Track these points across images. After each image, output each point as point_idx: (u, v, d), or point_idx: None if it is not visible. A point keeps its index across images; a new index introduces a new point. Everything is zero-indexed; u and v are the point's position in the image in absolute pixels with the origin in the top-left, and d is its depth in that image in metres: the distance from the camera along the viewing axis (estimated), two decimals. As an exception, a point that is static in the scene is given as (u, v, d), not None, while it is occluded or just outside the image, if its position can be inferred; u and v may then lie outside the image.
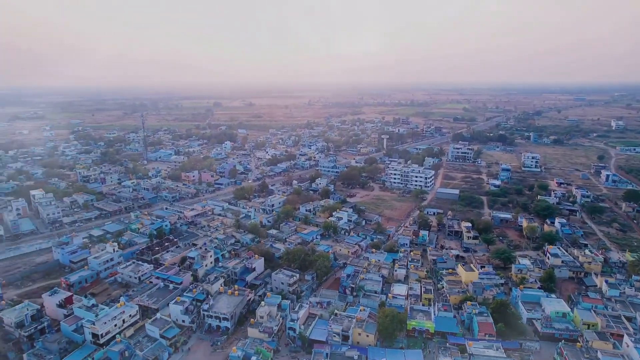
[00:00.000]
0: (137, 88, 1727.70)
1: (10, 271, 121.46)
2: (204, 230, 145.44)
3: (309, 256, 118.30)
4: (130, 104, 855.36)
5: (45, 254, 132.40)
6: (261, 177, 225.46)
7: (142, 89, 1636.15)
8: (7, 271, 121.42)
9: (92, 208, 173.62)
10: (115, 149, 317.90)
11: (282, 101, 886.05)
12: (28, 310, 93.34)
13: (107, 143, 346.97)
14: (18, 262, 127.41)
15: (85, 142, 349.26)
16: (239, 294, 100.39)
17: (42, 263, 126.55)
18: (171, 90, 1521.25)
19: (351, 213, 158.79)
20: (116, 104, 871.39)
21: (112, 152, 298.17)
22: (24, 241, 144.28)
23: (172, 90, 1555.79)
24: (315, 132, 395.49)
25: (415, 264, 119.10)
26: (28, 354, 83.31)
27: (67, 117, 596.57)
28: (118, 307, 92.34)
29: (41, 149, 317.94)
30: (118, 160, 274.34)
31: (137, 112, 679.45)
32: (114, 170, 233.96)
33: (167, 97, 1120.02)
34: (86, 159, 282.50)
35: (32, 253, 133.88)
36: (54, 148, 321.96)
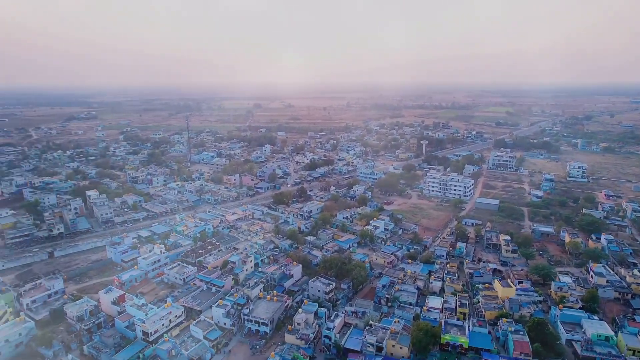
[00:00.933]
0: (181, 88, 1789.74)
1: (70, 267, 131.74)
2: (244, 235, 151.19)
3: (345, 265, 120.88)
4: (175, 105, 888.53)
5: (100, 252, 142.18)
6: (300, 182, 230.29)
7: (186, 89, 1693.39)
8: (67, 267, 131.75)
9: (140, 209, 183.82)
10: (161, 150, 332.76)
11: (321, 102, 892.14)
12: (87, 305, 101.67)
13: (153, 144, 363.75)
14: (77, 259, 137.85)
15: (133, 143, 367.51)
16: (277, 300, 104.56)
17: (97, 261, 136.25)
18: (213, 90, 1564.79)
19: (388, 222, 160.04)
20: (161, 104, 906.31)
21: (158, 154, 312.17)
22: (81, 239, 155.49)
23: (214, 90, 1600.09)
24: (354, 135, 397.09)
25: (451, 277, 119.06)
26: (88, 346, 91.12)
27: (117, 118, 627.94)
28: (165, 307, 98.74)
29: (94, 149, 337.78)
30: (164, 161, 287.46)
31: (182, 112, 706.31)
32: (160, 172, 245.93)
33: (210, 97, 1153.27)
34: (134, 159, 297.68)
35: (88, 251, 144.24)
36: (105, 148, 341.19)
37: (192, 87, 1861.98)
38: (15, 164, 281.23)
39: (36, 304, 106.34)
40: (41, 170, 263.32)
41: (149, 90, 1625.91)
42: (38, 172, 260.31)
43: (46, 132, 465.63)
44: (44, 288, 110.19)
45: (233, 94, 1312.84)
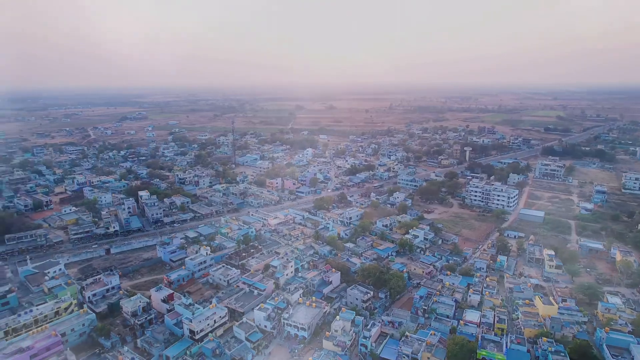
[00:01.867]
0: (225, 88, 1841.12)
1: (124, 264, 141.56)
2: (285, 239, 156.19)
3: (383, 274, 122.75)
4: (220, 105, 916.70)
5: (151, 250, 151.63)
6: (340, 187, 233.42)
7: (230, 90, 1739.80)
8: (122, 264, 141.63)
9: (187, 210, 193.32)
10: (207, 151, 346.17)
11: (363, 104, 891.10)
12: (140, 302, 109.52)
13: (200, 145, 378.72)
14: (130, 257, 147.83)
15: (180, 144, 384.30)
16: (316, 306, 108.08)
17: (148, 259, 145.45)
18: (256, 91, 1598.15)
19: (428, 231, 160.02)
20: (207, 105, 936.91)
21: (205, 155, 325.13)
22: (134, 237, 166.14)
23: (257, 91, 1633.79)
24: (396, 139, 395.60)
25: (491, 291, 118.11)
26: (141, 340, 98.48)
27: (166, 118, 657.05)
28: (210, 307, 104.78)
29: (145, 150, 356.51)
30: (209, 163, 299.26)
31: (226, 113, 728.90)
32: (206, 174, 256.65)
33: (253, 98, 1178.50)
34: (182, 160, 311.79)
35: (140, 249, 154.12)
36: (155, 149, 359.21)
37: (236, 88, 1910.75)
38: (76, 163, 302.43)
39: (96, 297, 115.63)
40: (98, 170, 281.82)
41: (195, 90, 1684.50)
42: (96, 171, 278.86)
43: (102, 131, 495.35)
44: (103, 283, 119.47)
45: (276, 95, 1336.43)
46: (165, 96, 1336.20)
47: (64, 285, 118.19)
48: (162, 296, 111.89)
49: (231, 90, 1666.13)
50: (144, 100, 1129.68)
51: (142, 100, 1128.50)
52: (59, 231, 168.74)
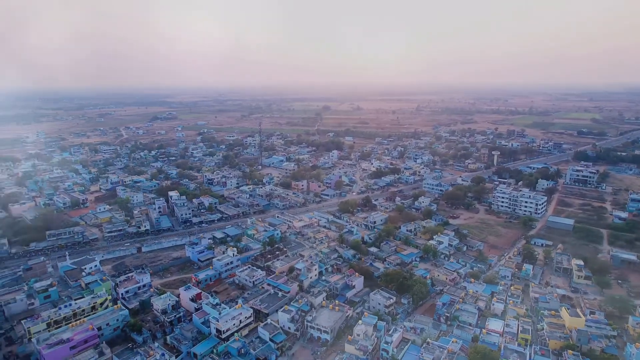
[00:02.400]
0: (253, 88, 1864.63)
1: (154, 262, 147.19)
2: (310, 242, 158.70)
3: (406, 280, 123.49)
4: (247, 106, 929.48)
5: (180, 250, 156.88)
6: (365, 190, 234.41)
7: (258, 90, 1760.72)
8: (152, 262, 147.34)
9: (215, 210, 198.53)
10: (234, 152, 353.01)
11: (391, 105, 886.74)
12: (170, 300, 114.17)
13: (227, 146, 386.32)
14: (160, 255, 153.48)
15: (209, 145, 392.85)
16: (339, 310, 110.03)
17: (177, 258, 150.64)
18: (284, 91, 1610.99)
19: (452, 237, 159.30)
20: (235, 105, 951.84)
21: (232, 156, 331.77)
22: (164, 236, 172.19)
23: (285, 91, 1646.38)
24: (422, 142, 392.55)
25: (515, 300, 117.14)
26: (170, 337, 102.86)
27: (194, 118, 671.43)
28: (237, 308, 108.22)
29: (175, 150, 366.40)
30: (237, 164, 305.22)
31: (254, 114, 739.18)
32: (233, 175, 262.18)
33: (280, 98, 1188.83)
34: (210, 161, 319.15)
35: (169, 248, 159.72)
36: (184, 149, 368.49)
37: (264, 88, 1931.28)
38: (110, 162, 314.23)
39: (129, 294, 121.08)
40: (130, 169, 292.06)
41: (223, 90, 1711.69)
42: (128, 170, 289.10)
43: (134, 131, 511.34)
44: (135, 281, 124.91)
45: (303, 95, 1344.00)
46: (194, 96, 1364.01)
47: (99, 281, 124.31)
48: (190, 295, 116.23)
49: (259, 91, 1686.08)
50: (173, 100, 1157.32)
51: (171, 100, 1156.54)
52: (94, 229, 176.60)
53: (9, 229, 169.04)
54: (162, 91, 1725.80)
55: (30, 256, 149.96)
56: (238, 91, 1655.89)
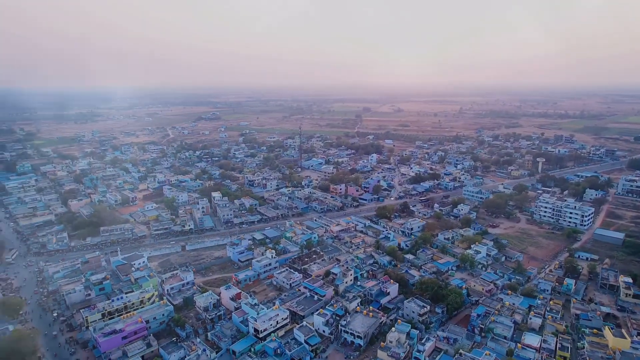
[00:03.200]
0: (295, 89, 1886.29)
1: (197, 261, 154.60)
2: (346, 247, 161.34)
3: (442, 289, 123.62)
4: (288, 106, 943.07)
5: (221, 249, 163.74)
6: (403, 196, 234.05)
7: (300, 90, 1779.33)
8: (195, 260, 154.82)
9: (255, 212, 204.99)
10: (275, 154, 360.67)
11: (433, 107, 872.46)
12: (211, 299, 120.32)
13: (268, 148, 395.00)
14: (203, 254, 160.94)
15: (250, 146, 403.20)
16: (372, 316, 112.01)
17: (218, 257, 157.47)
18: (325, 92, 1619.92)
19: (491, 247, 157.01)
20: (277, 106, 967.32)
21: (272, 158, 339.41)
22: (206, 236, 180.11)
23: (326, 91, 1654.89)
24: (464, 147, 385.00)
25: (554, 315, 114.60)
26: (211, 333, 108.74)
27: (237, 119, 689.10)
28: (274, 309, 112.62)
29: (218, 150, 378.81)
30: (277, 166, 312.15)
31: (295, 115, 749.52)
32: (273, 177, 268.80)
33: (321, 99, 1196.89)
34: (251, 162, 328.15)
35: (211, 247, 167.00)
36: (227, 150, 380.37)
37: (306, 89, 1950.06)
38: (157, 162, 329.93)
39: (174, 290, 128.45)
40: (176, 169, 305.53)
41: (265, 91, 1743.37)
42: (174, 170, 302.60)
43: (180, 131, 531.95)
44: (179, 278, 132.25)
45: (344, 96, 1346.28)
46: (238, 96, 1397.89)
47: (147, 277, 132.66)
48: (230, 294, 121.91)
49: (301, 91, 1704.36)
50: (217, 100, 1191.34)
51: (215, 100, 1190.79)
52: (143, 226, 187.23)
53: (69, 224, 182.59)
54: (208, 91, 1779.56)
55: (87, 250, 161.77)
56: (280, 91, 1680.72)
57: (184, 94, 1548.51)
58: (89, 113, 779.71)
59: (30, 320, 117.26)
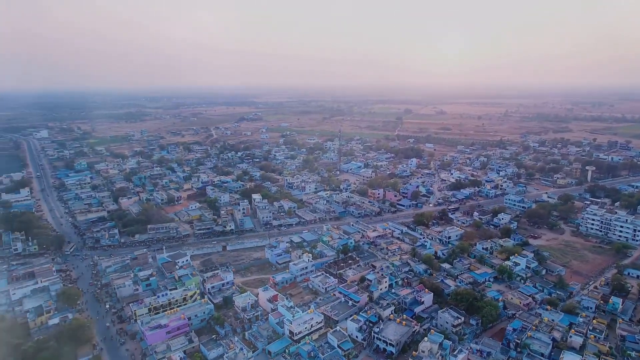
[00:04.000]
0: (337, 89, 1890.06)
1: (237, 261, 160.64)
2: (382, 253, 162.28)
3: (477, 300, 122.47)
4: (329, 107, 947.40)
5: (260, 251, 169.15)
6: (442, 203, 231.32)
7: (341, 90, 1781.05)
8: (235, 260, 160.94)
9: (293, 214, 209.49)
10: (314, 156, 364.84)
11: (477, 110, 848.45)
12: (249, 299, 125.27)
13: (308, 150, 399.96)
14: (242, 255, 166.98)
15: (291, 147, 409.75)
16: (406, 324, 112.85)
17: (257, 259, 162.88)
18: (367, 92, 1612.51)
19: (531, 259, 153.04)
20: (317, 107, 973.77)
21: (312, 160, 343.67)
22: (246, 237, 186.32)
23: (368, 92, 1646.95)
24: (508, 152, 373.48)
25: (597, 335, 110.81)
26: (248, 333, 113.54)
27: (278, 120, 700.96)
28: (309, 312, 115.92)
29: (259, 152, 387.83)
30: (316, 168, 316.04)
31: (335, 116, 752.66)
32: (312, 180, 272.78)
33: (362, 100, 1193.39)
34: (291, 164, 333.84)
35: (250, 248, 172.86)
36: (268, 151, 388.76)
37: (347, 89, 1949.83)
38: (200, 162, 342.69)
39: (214, 289, 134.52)
40: (218, 169, 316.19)
41: (307, 91, 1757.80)
42: (216, 170, 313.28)
43: (223, 131, 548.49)
44: (220, 278, 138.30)
45: (386, 97, 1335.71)
46: (279, 96, 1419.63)
47: (189, 275, 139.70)
48: (268, 296, 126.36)
49: (342, 92, 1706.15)
50: (259, 101, 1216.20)
51: (257, 101, 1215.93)
52: (186, 225, 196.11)
53: (119, 221, 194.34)
54: (251, 91, 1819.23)
55: (135, 246, 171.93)
56: (322, 92, 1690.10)
57: (228, 93, 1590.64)
58: (138, 112, 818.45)
59: (86, 310, 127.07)
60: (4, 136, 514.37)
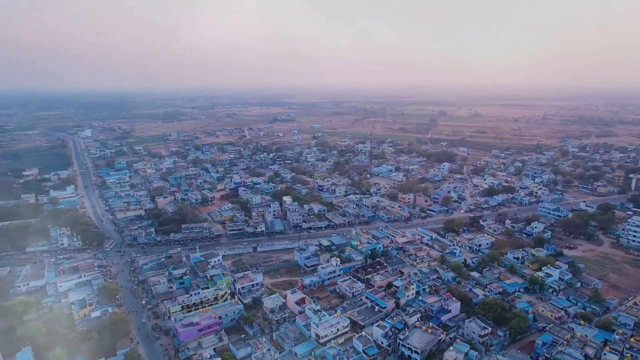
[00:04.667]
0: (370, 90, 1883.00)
1: (267, 262, 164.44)
2: (410, 259, 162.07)
3: (506, 311, 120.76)
4: (361, 109, 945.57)
5: (289, 253, 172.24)
6: (474, 209, 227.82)
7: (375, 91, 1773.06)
8: (265, 262, 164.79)
9: (323, 218, 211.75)
10: (345, 159, 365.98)
11: (513, 112, 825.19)
12: (278, 301, 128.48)
13: (339, 152, 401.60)
14: (272, 256, 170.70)
15: (322, 149, 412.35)
16: (431, 332, 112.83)
17: (286, 261, 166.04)
18: (401, 93, 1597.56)
19: (565, 270, 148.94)
20: (350, 108, 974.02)
21: (343, 163, 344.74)
22: (276, 239, 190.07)
23: (402, 92, 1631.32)
24: (544, 158, 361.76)
25: (634, 354, 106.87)
26: (276, 334, 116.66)
27: (310, 121, 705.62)
28: (335, 317, 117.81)
29: (290, 153, 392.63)
30: (347, 171, 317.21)
31: (367, 118, 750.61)
32: (342, 183, 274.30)
33: (396, 101, 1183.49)
34: (322, 166, 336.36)
35: (280, 250, 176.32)
36: (299, 153, 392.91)
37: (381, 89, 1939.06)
38: (234, 162, 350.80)
39: (244, 290, 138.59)
40: (251, 170, 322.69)
41: (340, 92, 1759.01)
42: (249, 171, 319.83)
43: (256, 132, 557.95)
44: (250, 279, 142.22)
45: (420, 98, 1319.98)
46: (313, 97, 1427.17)
47: (221, 275, 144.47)
48: (295, 298, 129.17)
49: (376, 92, 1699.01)
50: (293, 101, 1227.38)
51: (291, 101, 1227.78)
52: (219, 225, 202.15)
53: (156, 219, 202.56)
54: (285, 91, 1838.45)
55: (170, 245, 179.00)
56: (356, 93, 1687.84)
57: (263, 94, 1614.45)
58: (175, 112, 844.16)
59: (124, 305, 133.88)
60: (53, 135, 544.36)
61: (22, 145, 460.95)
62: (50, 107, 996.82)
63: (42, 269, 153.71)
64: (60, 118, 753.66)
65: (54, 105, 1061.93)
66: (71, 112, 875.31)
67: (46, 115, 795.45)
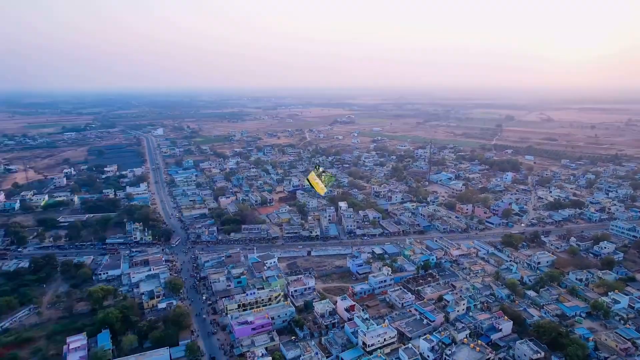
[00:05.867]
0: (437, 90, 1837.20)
1: (319, 267, 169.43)
2: (464, 273, 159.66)
3: (562, 336, 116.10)
4: (424, 111, 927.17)
5: (342, 259, 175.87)
6: (536, 223, 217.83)
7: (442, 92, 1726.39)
8: (318, 266, 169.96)
9: (377, 225, 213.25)
10: (404, 164, 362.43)
11: (591, 117, 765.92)
12: (328, 306, 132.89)
13: (398, 157, 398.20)
14: (325, 261, 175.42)
15: (380, 154, 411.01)
16: (479, 350, 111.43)
17: (338, 267, 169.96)
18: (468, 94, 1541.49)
19: (636, 298, 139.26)
20: (412, 110, 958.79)
21: (401, 168, 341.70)
22: (330, 244, 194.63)
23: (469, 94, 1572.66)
24: (623, 170, 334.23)
25: None
26: (324, 339, 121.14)
27: (371, 124, 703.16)
28: (383, 326, 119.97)
29: (349, 157, 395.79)
30: (404, 177, 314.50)
31: (430, 121, 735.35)
32: (399, 190, 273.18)
33: (461, 103, 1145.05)
34: (379, 172, 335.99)
35: (333, 256, 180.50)
36: (357, 157, 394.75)
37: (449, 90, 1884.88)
38: (293, 165, 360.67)
39: (297, 293, 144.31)
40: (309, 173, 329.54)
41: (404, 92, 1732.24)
42: (307, 174, 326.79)
43: (316, 134, 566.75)
44: (303, 282, 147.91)
45: (489, 100, 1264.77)
46: (375, 98, 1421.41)
47: (276, 277, 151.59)
48: (345, 305, 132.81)
49: (443, 93, 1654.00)
50: (354, 102, 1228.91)
51: (352, 102, 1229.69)
52: (276, 227, 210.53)
53: (218, 219, 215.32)
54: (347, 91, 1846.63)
55: (230, 244, 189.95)
56: (421, 93, 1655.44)
57: (324, 94, 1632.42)
58: (240, 112, 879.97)
59: (186, 299, 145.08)
60: (130, 133, 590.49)
61: (104, 142, 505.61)
62: (129, 105, 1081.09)
63: (118, 259, 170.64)
64: (136, 117, 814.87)
65: (132, 104, 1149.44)
66: (146, 111, 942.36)
67: (125, 114, 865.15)
